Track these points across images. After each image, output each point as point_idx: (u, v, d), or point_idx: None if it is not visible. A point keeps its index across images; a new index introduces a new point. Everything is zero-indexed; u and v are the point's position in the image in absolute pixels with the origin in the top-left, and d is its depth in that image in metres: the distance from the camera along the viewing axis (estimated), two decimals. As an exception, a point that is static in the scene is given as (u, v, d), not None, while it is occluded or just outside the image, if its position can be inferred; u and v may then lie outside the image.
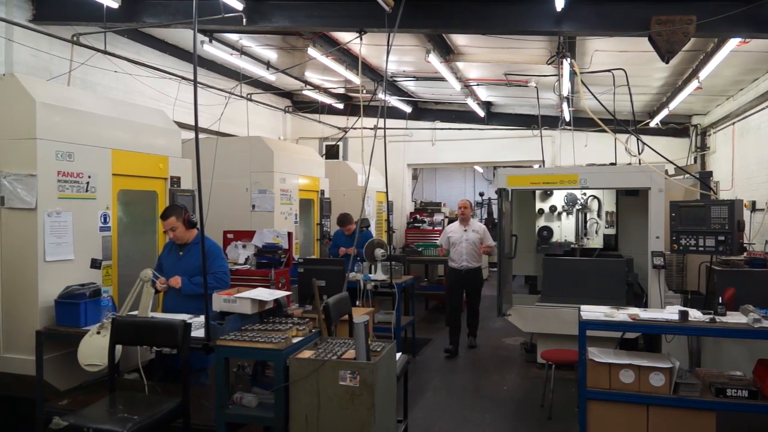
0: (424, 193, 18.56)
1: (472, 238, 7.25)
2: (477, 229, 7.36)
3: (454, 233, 7.40)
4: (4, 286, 4.05)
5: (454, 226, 7.52)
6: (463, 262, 7.24)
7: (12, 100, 4.06)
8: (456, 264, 7.31)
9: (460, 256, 7.26)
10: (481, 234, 7.33)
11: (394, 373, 3.63)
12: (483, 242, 7.28)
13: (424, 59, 7.69)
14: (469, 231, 7.31)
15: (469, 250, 7.23)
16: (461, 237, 7.28)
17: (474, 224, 7.47)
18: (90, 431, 2.97)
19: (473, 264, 7.29)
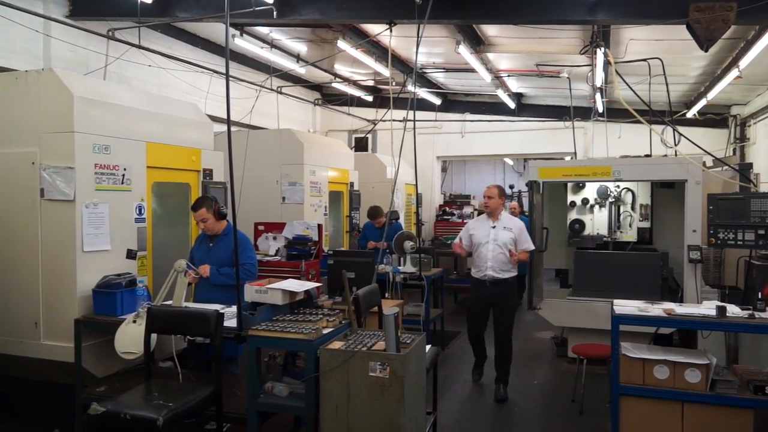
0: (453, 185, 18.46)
1: (502, 238, 5.31)
2: (510, 227, 5.40)
3: (477, 230, 5.48)
4: (44, 275, 4.16)
5: (479, 221, 5.64)
6: (487, 270, 5.33)
7: (51, 95, 4.16)
8: (478, 272, 5.40)
9: (483, 261, 5.37)
10: (516, 234, 5.37)
11: (423, 365, 3.63)
12: (517, 245, 5.38)
13: (454, 50, 7.62)
14: (498, 228, 5.37)
15: (496, 254, 5.30)
16: (487, 236, 5.38)
17: (506, 219, 5.50)
18: (127, 417, 3.05)
19: (502, 274, 5.33)
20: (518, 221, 5.58)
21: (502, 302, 5.41)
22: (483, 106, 12.28)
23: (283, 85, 10.10)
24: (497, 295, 5.37)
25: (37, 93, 4.20)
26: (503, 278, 5.35)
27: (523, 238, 5.44)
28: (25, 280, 4.19)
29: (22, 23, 5.83)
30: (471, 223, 5.84)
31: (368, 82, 11.32)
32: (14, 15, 5.62)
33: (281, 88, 10.03)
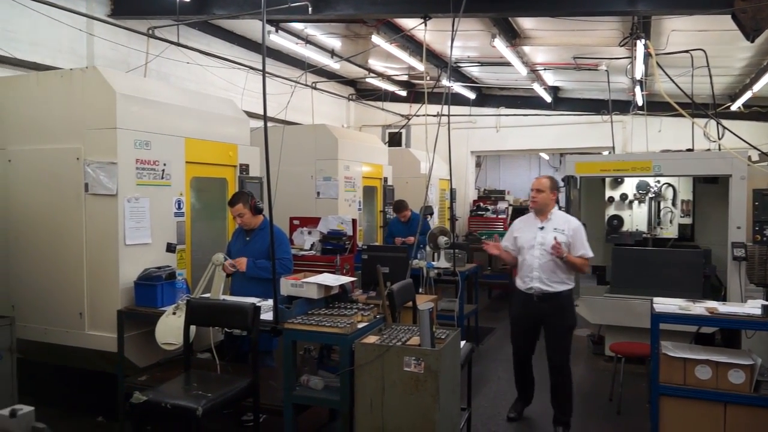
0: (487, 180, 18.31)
1: (551, 242, 4.31)
2: (562, 227, 4.42)
3: (522, 232, 4.56)
4: (88, 268, 4.29)
5: (525, 221, 4.66)
6: (533, 281, 4.38)
7: (94, 92, 4.28)
8: (524, 284, 4.47)
9: (529, 270, 4.43)
10: (570, 236, 4.40)
11: (458, 361, 3.62)
12: (571, 250, 4.39)
13: (489, 44, 7.55)
14: (547, 229, 4.42)
15: (545, 261, 4.35)
16: (532, 239, 4.44)
17: (558, 219, 4.49)
18: (168, 406, 3.13)
19: (553, 286, 4.36)
20: (574, 221, 4.53)
21: (553, 321, 4.42)
22: (518, 100, 12.13)
23: (317, 81, 10.17)
24: (548, 312, 4.40)
25: (82, 90, 4.32)
26: (555, 291, 4.36)
27: (579, 243, 4.40)
28: (70, 271, 4.33)
29: (67, 23, 6.01)
30: (516, 222, 4.79)
31: (402, 77, 11.30)
32: (60, 15, 5.79)
33: (316, 83, 10.09)
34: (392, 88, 11.64)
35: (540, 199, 4.48)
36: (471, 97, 11.72)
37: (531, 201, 4.58)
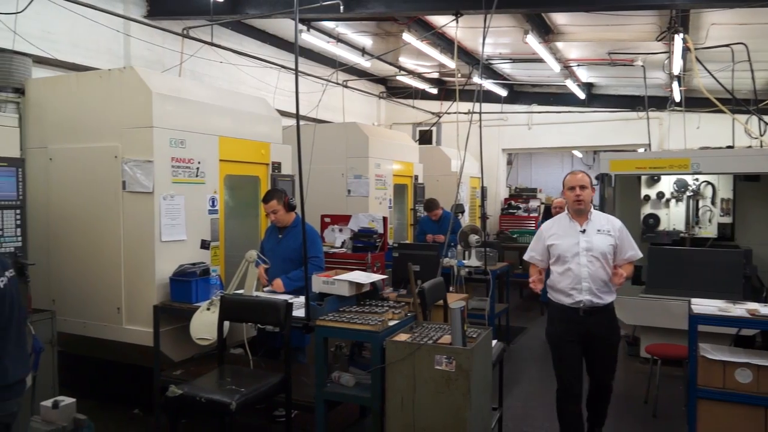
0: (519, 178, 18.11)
1: (599, 246, 3.80)
2: (607, 228, 3.89)
3: (560, 238, 3.91)
4: (125, 264, 4.39)
5: (558, 225, 4.01)
6: (583, 293, 3.78)
7: (132, 92, 4.36)
8: (568, 297, 3.84)
9: (575, 281, 3.80)
10: (616, 237, 3.87)
11: (489, 360, 3.59)
12: (617, 253, 3.88)
13: (521, 40, 7.47)
14: (591, 233, 3.85)
15: (595, 270, 3.78)
16: (575, 245, 3.83)
17: (597, 218, 3.95)
18: (202, 400, 3.18)
19: (603, 297, 3.81)
20: (615, 220, 3.99)
21: (601, 338, 3.86)
22: (551, 97, 11.97)
23: (348, 79, 10.20)
24: (595, 328, 3.81)
25: (120, 90, 4.42)
26: (605, 303, 3.81)
27: (626, 243, 3.89)
28: (108, 267, 4.43)
29: (105, 24, 6.15)
30: (545, 228, 4.07)
31: (433, 75, 11.26)
32: (98, 17, 5.93)
33: (347, 82, 10.12)
34: (423, 86, 11.61)
35: (586, 197, 3.85)
36: (503, 94, 11.61)
37: (574, 201, 3.85)
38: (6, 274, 2.58)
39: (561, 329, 3.91)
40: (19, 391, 2.61)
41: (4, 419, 2.52)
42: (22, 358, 2.66)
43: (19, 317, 2.63)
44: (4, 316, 2.50)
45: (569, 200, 3.92)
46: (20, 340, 2.64)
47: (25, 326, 2.77)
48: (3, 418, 2.51)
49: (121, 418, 4.63)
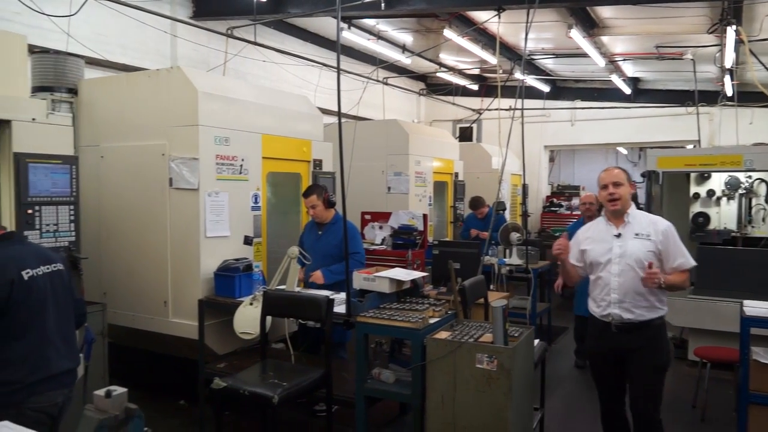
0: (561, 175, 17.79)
1: (634, 253, 3.30)
2: (645, 231, 3.34)
3: (592, 242, 3.48)
4: (172, 258, 4.50)
5: (594, 228, 3.55)
6: (610, 306, 3.33)
7: (178, 91, 4.47)
8: (598, 308, 3.43)
9: (604, 292, 3.37)
10: (659, 242, 3.30)
11: (531, 360, 3.54)
12: (664, 261, 3.31)
13: (565, 35, 7.33)
14: (626, 237, 3.35)
15: (626, 280, 3.30)
16: (608, 251, 3.37)
17: (638, 220, 3.40)
18: (246, 393, 3.24)
19: (639, 312, 3.30)
20: (661, 221, 3.40)
21: (639, 359, 3.32)
22: (595, 92, 11.71)
23: (388, 76, 10.21)
24: (631, 347, 3.32)
25: (167, 90, 4.54)
26: (642, 320, 3.29)
27: (673, 249, 3.30)
28: (156, 262, 4.56)
29: (152, 25, 6.32)
30: (581, 231, 3.64)
31: (474, 71, 11.17)
32: (147, 18, 6.10)
33: (387, 79, 10.13)
34: (463, 83, 11.53)
35: (622, 195, 3.35)
36: (545, 90, 11.43)
37: (609, 200, 3.37)
38: (45, 267, 2.68)
39: (592, 344, 3.55)
40: (65, 382, 2.70)
41: (47, 409, 2.59)
42: (69, 350, 2.74)
43: (60, 310, 2.72)
44: (34, 308, 2.59)
45: (603, 200, 3.44)
46: (64, 333, 2.74)
47: (73, 320, 2.86)
48: (46, 408, 2.58)
49: (167, 409, 4.76)
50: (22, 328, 2.54)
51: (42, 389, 2.58)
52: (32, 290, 2.58)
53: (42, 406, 2.56)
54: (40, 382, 2.58)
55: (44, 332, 2.62)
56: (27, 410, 2.50)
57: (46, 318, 2.63)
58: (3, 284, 2.49)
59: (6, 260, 2.56)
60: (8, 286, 2.49)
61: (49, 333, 2.64)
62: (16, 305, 2.52)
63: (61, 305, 2.74)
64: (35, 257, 2.68)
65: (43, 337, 2.61)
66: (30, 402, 2.52)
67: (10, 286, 2.50)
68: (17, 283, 2.53)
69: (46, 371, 2.60)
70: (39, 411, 2.53)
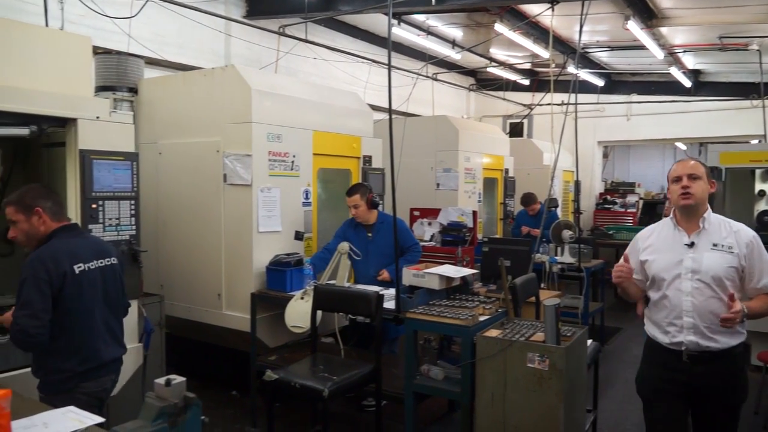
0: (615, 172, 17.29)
1: (710, 267, 2.70)
2: (727, 244, 2.73)
3: (658, 252, 2.85)
4: (226, 252, 4.62)
5: (659, 233, 2.91)
6: (684, 332, 2.72)
7: (232, 89, 4.57)
8: (665, 335, 2.79)
9: (674, 314, 2.76)
10: (742, 257, 2.71)
11: (584, 360, 3.47)
12: (747, 279, 2.73)
13: (621, 27, 7.11)
14: (701, 246, 2.75)
15: (704, 300, 2.70)
16: (677, 263, 2.76)
17: (718, 228, 2.78)
18: (297, 386, 3.30)
19: (717, 339, 2.70)
20: (745, 230, 2.78)
21: (717, 397, 2.76)
22: (652, 85, 11.31)
23: (438, 72, 10.14)
24: (706, 382, 2.73)
25: (222, 88, 4.64)
26: (722, 348, 2.69)
27: (758, 266, 2.72)
28: (210, 255, 4.68)
29: (208, 25, 6.48)
30: (643, 236, 2.97)
31: (525, 65, 10.97)
32: (202, 18, 6.26)
33: (436, 74, 10.07)
34: (514, 77, 11.34)
35: (697, 191, 2.72)
36: (599, 84, 11.11)
37: (681, 196, 2.73)
38: (98, 261, 2.79)
39: (655, 375, 2.86)
40: (113, 369, 2.86)
41: (98, 394, 2.75)
42: (115, 340, 2.88)
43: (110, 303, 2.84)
44: (84, 301, 2.70)
45: (673, 197, 2.79)
46: (112, 325, 2.86)
47: (121, 313, 2.99)
48: (98, 393, 2.75)
49: (220, 399, 4.89)
50: (72, 321, 2.65)
51: (92, 376, 2.73)
52: (83, 284, 2.68)
53: (92, 391, 2.72)
54: (90, 371, 2.72)
55: (93, 325, 2.74)
56: (78, 395, 2.64)
57: (95, 311, 2.75)
58: (56, 276, 2.58)
59: (61, 253, 2.65)
60: (61, 279, 2.59)
61: (98, 325, 2.76)
62: (67, 298, 2.62)
63: (111, 298, 2.86)
64: (90, 251, 2.79)
65: (92, 329, 2.73)
66: (81, 387, 2.68)
67: (62, 278, 2.59)
68: (69, 276, 2.62)
69: (96, 361, 2.74)
70: (89, 395, 2.69)
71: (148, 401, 1.77)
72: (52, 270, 2.57)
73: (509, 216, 8.52)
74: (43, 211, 2.68)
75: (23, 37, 3.43)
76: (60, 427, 2.04)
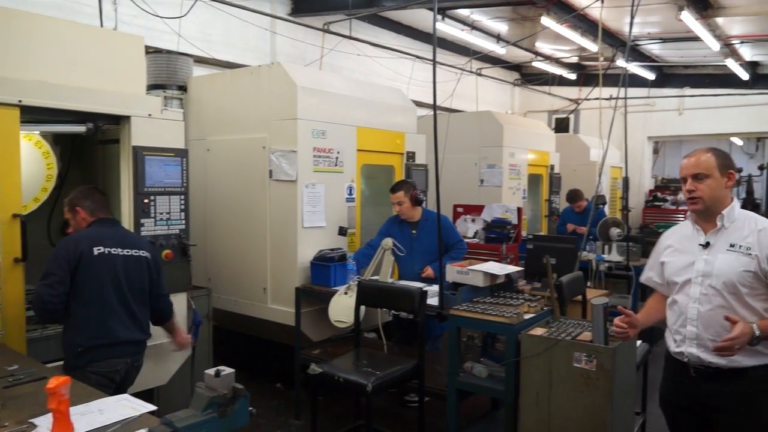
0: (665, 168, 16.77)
1: (723, 271, 2.37)
2: (746, 244, 2.37)
3: (676, 252, 2.59)
4: (271, 247, 4.69)
5: (681, 230, 2.66)
6: (686, 343, 2.46)
7: (278, 86, 4.63)
8: (674, 343, 2.56)
9: (679, 320, 2.51)
10: (762, 260, 2.32)
11: (633, 362, 3.38)
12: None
13: (674, 18, 6.88)
14: (717, 247, 2.43)
15: (711, 308, 2.39)
16: (689, 265, 2.49)
17: (740, 226, 2.43)
18: (340, 379, 3.33)
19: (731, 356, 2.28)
20: None
21: (730, 421, 2.41)
22: (706, 78, 10.91)
23: (482, 67, 10.04)
24: (717, 405, 2.42)
25: (268, 85, 4.71)
26: (733, 367, 2.36)
27: None
28: (256, 250, 4.76)
29: (254, 23, 6.59)
30: (665, 236, 2.75)
31: (572, 59, 10.74)
32: (248, 17, 6.37)
33: (480, 69, 9.97)
34: (560, 72, 11.12)
35: (705, 193, 2.41)
36: (650, 77, 10.79)
37: (688, 200, 2.47)
38: (123, 250, 3.02)
39: (667, 389, 2.67)
40: (128, 351, 3.01)
41: (108, 374, 2.91)
42: (136, 325, 3.04)
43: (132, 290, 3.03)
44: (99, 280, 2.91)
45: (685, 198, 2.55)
46: (133, 311, 3.03)
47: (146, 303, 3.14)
48: (108, 374, 2.91)
49: (264, 390, 4.98)
50: (86, 297, 2.90)
51: (102, 356, 2.90)
52: (99, 265, 2.93)
53: (103, 371, 2.88)
54: (100, 348, 2.90)
55: (107, 304, 2.94)
56: (89, 373, 2.82)
57: (111, 292, 2.96)
58: (73, 255, 2.88)
59: (83, 237, 2.98)
60: (77, 257, 2.88)
61: (113, 305, 2.96)
62: (82, 275, 2.88)
63: (134, 286, 3.06)
64: (115, 239, 3.03)
65: (105, 307, 2.94)
66: (92, 366, 2.86)
67: (78, 257, 2.88)
68: (86, 255, 2.89)
69: (107, 338, 2.92)
70: (100, 375, 2.86)
71: (198, 391, 1.82)
72: (71, 249, 2.89)
73: (554, 213, 8.36)
74: (82, 209, 3.10)
75: (80, 37, 3.55)
76: (114, 414, 2.11)
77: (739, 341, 2.21)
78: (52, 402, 1.79)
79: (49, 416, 1.90)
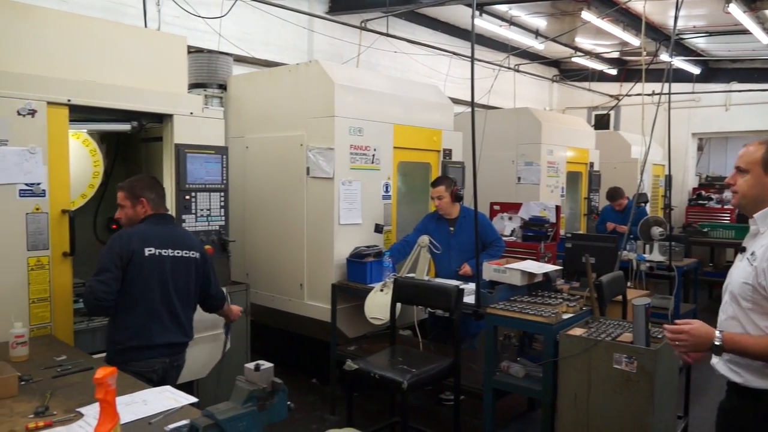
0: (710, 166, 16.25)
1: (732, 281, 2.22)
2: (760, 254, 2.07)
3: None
4: (308, 243, 4.73)
5: None
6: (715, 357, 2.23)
7: (316, 84, 4.66)
8: None
9: None
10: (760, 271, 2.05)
11: (676, 364, 3.29)
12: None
13: (721, 10, 6.67)
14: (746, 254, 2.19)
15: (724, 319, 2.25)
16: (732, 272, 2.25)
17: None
18: (376, 376, 3.34)
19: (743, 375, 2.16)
20: None
21: None
22: (755, 73, 10.53)
23: (519, 63, 9.91)
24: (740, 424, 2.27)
25: (306, 83, 4.75)
26: (748, 386, 2.16)
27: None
28: (293, 246, 4.82)
29: (292, 22, 6.66)
30: None
31: (613, 54, 10.51)
32: (287, 15, 6.44)
33: (518, 66, 9.85)
34: (600, 67, 10.90)
35: (742, 188, 2.21)
36: (695, 72, 10.47)
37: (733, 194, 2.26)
38: (172, 251, 2.98)
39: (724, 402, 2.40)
40: (165, 353, 3.00)
41: (146, 374, 2.90)
42: (177, 327, 3.02)
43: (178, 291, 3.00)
44: (146, 283, 2.89)
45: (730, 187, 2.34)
46: (176, 313, 3.01)
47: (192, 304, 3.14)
48: (146, 373, 2.90)
49: (300, 386, 5.04)
50: (132, 298, 2.89)
51: (140, 356, 2.91)
52: (147, 266, 2.90)
53: (140, 370, 2.87)
54: (138, 349, 2.91)
55: (151, 307, 2.93)
56: (127, 371, 2.80)
57: (156, 294, 2.94)
58: (126, 252, 2.85)
59: (137, 235, 2.93)
60: (129, 256, 2.85)
61: (156, 307, 2.94)
62: (130, 274, 2.86)
63: (180, 288, 3.03)
64: (164, 240, 2.98)
65: (149, 310, 2.93)
66: (130, 365, 2.85)
67: (130, 255, 2.86)
68: (137, 255, 2.87)
69: (146, 340, 2.92)
70: (136, 374, 2.83)
71: (238, 384, 1.85)
72: (125, 246, 2.87)
73: (594, 211, 8.20)
74: (147, 202, 3.01)
75: (125, 38, 3.66)
76: (158, 405, 2.17)
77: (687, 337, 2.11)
78: (100, 392, 1.85)
79: (95, 406, 1.96)
